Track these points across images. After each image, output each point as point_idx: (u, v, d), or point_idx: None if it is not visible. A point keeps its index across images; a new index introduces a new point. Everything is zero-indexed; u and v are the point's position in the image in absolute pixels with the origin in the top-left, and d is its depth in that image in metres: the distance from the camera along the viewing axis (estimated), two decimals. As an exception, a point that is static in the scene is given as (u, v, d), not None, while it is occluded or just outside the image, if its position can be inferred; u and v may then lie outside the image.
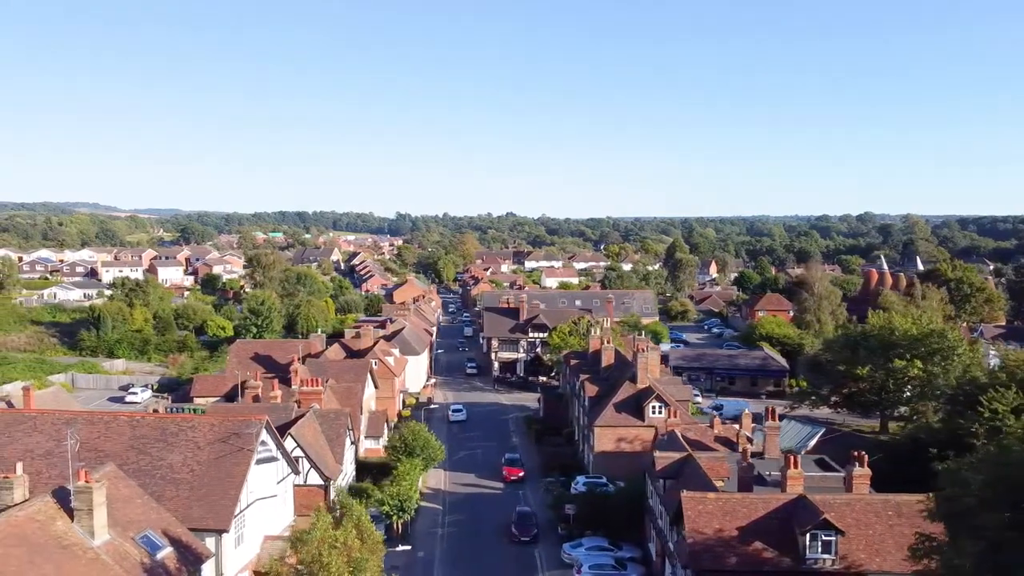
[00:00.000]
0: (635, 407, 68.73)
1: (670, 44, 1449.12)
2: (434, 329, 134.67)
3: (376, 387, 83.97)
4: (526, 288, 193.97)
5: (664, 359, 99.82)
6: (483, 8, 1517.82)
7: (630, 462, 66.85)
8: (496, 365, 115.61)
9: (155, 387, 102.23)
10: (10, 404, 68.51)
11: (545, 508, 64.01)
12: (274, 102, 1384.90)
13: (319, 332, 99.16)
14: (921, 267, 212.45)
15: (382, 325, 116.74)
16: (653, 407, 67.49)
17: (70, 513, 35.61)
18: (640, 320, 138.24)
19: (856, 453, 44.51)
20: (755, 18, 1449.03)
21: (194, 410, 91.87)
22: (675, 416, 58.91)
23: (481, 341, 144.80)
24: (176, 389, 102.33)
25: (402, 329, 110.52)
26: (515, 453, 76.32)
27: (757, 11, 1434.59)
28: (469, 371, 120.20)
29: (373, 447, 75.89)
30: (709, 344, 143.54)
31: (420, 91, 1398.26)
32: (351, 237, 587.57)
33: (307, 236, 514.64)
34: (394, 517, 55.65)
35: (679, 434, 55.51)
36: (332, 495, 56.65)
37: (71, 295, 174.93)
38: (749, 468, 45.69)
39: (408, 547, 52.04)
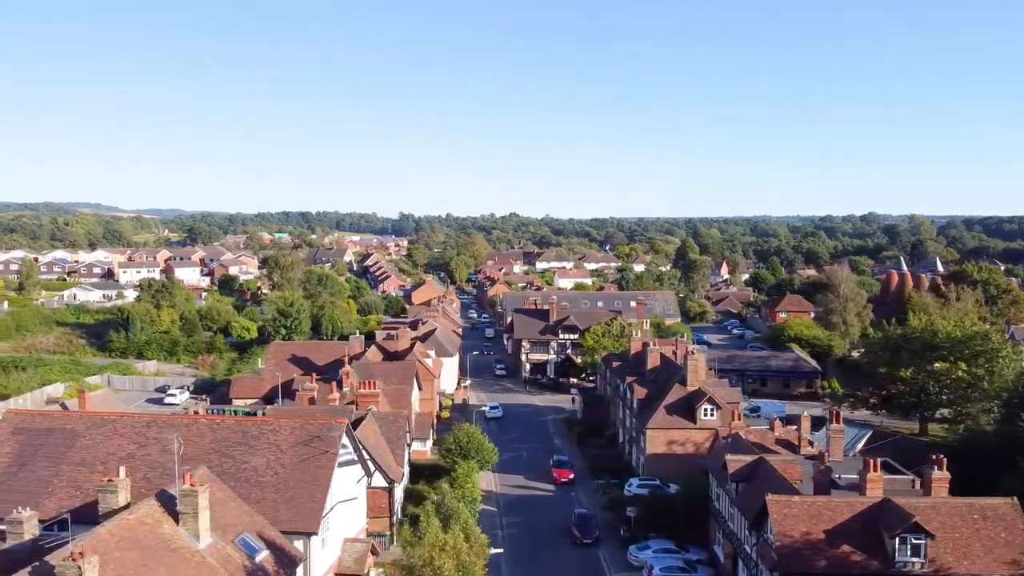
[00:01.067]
0: (686, 409, 69.06)
1: (670, 45, 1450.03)
2: (460, 330, 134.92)
3: (420, 389, 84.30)
4: (544, 289, 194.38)
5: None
6: (483, 8, 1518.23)
7: (682, 464, 67.20)
8: (528, 367, 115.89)
9: (191, 388, 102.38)
10: (64, 407, 68.64)
11: (600, 510, 64.38)
12: (276, 103, 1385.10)
13: (357, 334, 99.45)
14: (941, 268, 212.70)
15: (413, 326, 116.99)
16: (705, 409, 67.87)
17: (175, 516, 35.94)
18: (663, 321, 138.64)
19: (935, 457, 44.86)
20: (756, 19, 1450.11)
21: (235, 411, 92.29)
22: (738, 419, 59.18)
23: (505, 342, 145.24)
24: (212, 390, 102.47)
25: (434, 331, 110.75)
26: (563, 455, 76.64)
27: (758, 12, 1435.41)
28: (499, 372, 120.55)
29: (420, 449, 76.10)
30: (731, 345, 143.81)
31: (422, 92, 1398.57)
32: (356, 237, 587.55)
33: (313, 236, 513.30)
34: (459, 519, 55.91)
35: (743, 437, 55.76)
36: (397, 497, 57.10)
37: (91, 296, 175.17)
38: (827, 471, 45.99)
39: (500, 550, 51.84)
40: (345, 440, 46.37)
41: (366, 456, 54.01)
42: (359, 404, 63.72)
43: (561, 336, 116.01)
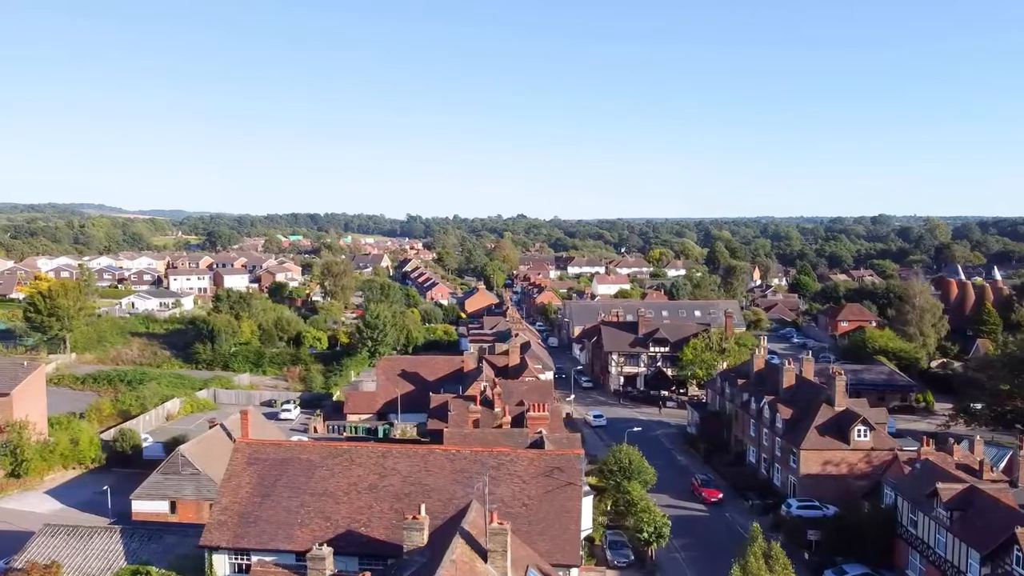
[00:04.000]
0: (837, 430, 69.90)
1: (672, 45, 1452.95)
2: (541, 341, 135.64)
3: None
4: (598, 298, 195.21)
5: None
6: (487, 12, 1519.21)
7: (836, 485, 68.32)
8: (621, 379, 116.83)
9: (298, 403, 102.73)
10: (224, 428, 69.08)
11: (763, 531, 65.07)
12: (279, 104, 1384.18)
13: (471, 349, 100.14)
14: (999, 276, 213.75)
15: (502, 338, 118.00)
16: (859, 430, 68.75)
17: (480, 554, 36.68)
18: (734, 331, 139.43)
19: None
20: (759, 23, 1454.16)
21: (355, 428, 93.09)
22: (928, 444, 59.97)
23: (577, 353, 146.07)
24: (318, 405, 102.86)
25: (528, 343, 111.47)
26: (706, 474, 77.46)
27: (763, 16, 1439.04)
28: (585, 385, 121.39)
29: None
30: (799, 356, 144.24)
31: (427, 94, 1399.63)
32: (370, 240, 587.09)
33: (328, 240, 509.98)
34: (652, 543, 56.87)
35: (935, 462, 56.57)
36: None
37: (148, 304, 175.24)
38: (1055, 501, 46.90)
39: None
40: (581, 471, 47.27)
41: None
42: (530, 427, 64.27)
43: (651, 349, 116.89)
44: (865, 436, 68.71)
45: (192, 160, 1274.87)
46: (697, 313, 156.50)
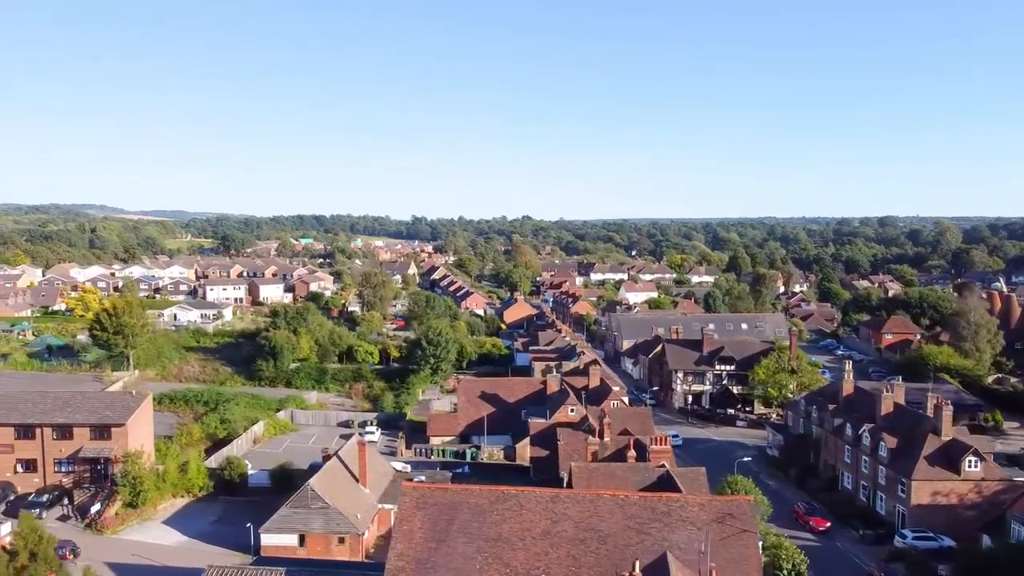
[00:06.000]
0: (946, 460, 70.56)
1: (674, 46, 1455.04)
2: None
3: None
4: (637, 309, 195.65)
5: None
6: (487, 12, 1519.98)
7: (946, 515, 69.03)
8: (689, 397, 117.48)
9: (376, 424, 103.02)
10: (340, 459, 69.55)
11: (879, 562, 65.76)
12: (279, 105, 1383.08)
13: (554, 373, 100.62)
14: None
15: (567, 355, 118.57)
16: (970, 461, 69.45)
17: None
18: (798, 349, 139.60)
19: None
20: (757, 23, 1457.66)
21: (442, 451, 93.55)
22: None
23: (630, 368, 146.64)
24: (394, 426, 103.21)
25: (596, 362, 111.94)
26: (810, 502, 77.89)
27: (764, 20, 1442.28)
28: (648, 403, 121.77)
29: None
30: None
31: (430, 95, 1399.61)
32: (380, 242, 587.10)
33: (340, 243, 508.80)
34: (792, 581, 57.47)
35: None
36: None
37: (190, 316, 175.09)
38: None
39: None
40: (747, 516, 47.76)
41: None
42: (652, 460, 64.73)
43: (717, 367, 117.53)
44: (976, 467, 69.41)
45: (193, 161, 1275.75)
46: (744, 326, 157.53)
